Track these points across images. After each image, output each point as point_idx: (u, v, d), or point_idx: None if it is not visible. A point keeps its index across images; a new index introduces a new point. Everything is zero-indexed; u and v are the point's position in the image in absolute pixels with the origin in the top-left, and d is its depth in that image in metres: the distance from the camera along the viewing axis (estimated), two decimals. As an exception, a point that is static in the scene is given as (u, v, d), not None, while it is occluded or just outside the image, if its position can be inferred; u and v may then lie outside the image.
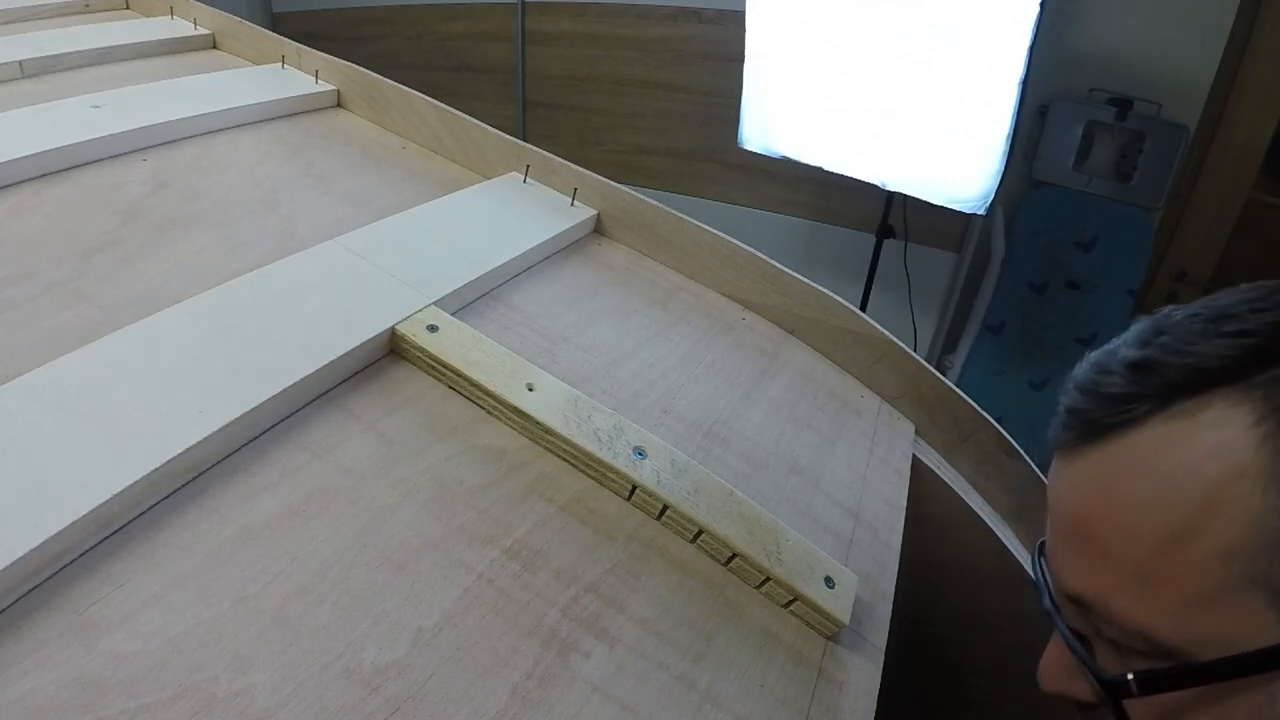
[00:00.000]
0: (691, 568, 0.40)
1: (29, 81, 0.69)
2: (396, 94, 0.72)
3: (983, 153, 1.50)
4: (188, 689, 0.28)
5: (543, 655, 0.33)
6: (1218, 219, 1.92)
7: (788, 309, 0.63)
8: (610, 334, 0.54)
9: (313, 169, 0.64)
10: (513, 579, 0.36)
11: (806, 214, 2.26)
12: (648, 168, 2.40)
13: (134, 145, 0.60)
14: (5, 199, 0.51)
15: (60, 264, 0.47)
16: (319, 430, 0.40)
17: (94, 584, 0.30)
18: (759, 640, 0.38)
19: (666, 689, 0.34)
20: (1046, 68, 1.70)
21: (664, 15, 2.14)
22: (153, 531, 0.33)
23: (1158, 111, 1.78)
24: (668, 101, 2.28)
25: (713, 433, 0.49)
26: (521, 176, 0.67)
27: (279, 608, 0.31)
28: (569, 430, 0.42)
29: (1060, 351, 1.92)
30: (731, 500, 0.42)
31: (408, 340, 0.45)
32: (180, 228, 0.53)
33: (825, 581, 0.40)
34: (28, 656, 0.28)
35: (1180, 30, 1.71)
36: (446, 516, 0.37)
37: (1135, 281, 1.90)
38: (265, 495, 0.36)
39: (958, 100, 1.48)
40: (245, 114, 0.68)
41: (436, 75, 2.50)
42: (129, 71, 0.75)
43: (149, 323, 0.41)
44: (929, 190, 1.60)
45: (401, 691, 0.30)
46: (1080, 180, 1.87)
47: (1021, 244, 1.90)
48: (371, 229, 0.54)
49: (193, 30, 0.83)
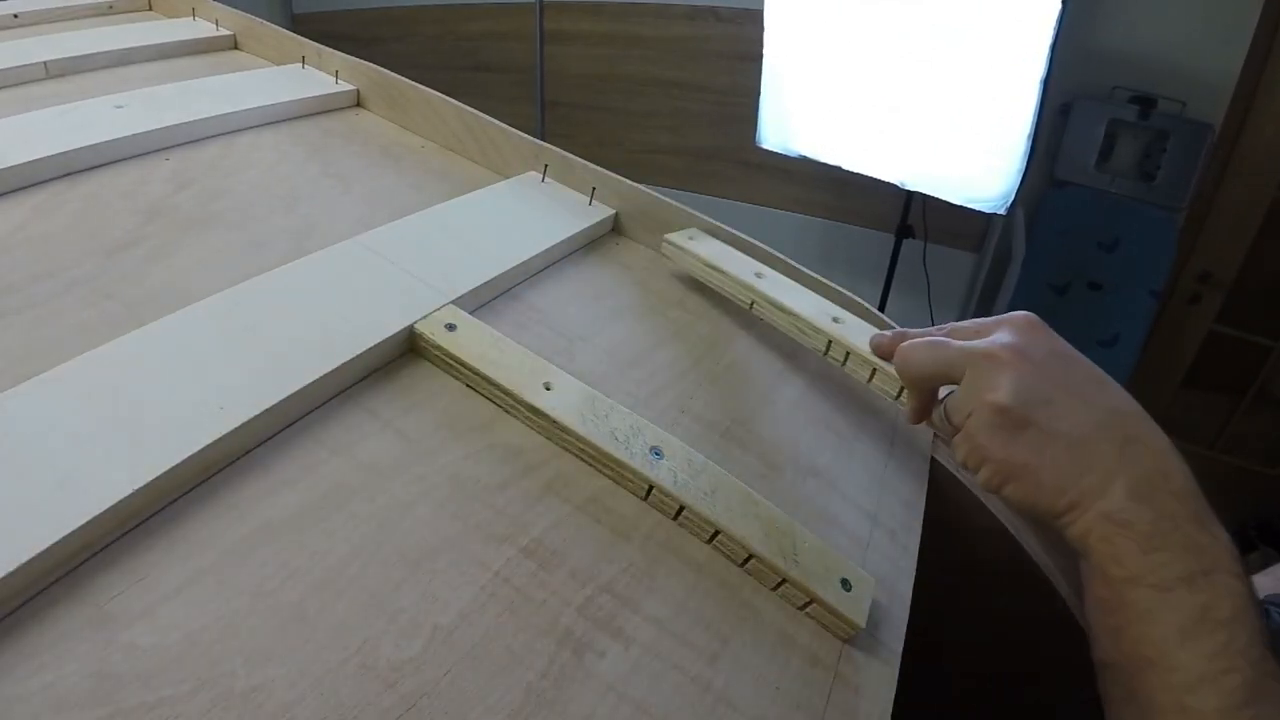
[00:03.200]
0: (707, 568, 0.40)
1: (53, 82, 0.69)
2: (416, 94, 0.73)
3: (1003, 152, 1.49)
4: (206, 682, 0.28)
5: (558, 654, 0.33)
6: (1243, 219, 1.90)
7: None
8: (628, 333, 0.54)
9: (332, 168, 0.64)
10: (529, 577, 0.36)
11: (825, 213, 2.25)
12: (666, 167, 2.40)
13: (156, 145, 0.61)
14: (29, 198, 0.52)
15: (83, 262, 0.47)
16: (338, 427, 0.40)
17: (115, 577, 0.31)
18: (774, 642, 0.38)
19: (681, 689, 0.34)
20: (1068, 66, 1.68)
21: (682, 14, 2.14)
22: (173, 526, 0.33)
23: (1181, 110, 1.75)
24: (686, 100, 2.28)
25: (730, 433, 0.49)
26: (540, 176, 0.67)
27: (297, 603, 0.32)
28: (586, 429, 0.42)
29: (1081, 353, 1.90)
30: (748, 501, 0.42)
31: (426, 339, 0.45)
32: (202, 226, 0.53)
33: (842, 584, 0.40)
34: (49, 649, 0.28)
35: (1204, 28, 1.69)
36: (464, 515, 0.37)
37: (1158, 283, 1.87)
38: (284, 492, 0.36)
39: (978, 99, 1.47)
40: (266, 114, 0.68)
41: (456, 75, 2.51)
42: (152, 72, 0.75)
43: (170, 320, 0.42)
44: (949, 190, 1.59)
45: (417, 688, 0.30)
46: (1103, 180, 1.85)
47: (1042, 244, 1.88)
48: (390, 228, 0.54)
49: (214, 31, 0.84)
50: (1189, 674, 0.34)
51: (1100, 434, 0.38)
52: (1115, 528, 0.37)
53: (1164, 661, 0.35)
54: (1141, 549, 0.36)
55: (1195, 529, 0.36)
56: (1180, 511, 0.37)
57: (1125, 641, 0.37)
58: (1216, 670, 0.33)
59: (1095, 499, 0.37)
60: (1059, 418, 0.39)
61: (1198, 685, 0.34)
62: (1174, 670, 0.34)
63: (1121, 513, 0.37)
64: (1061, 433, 0.38)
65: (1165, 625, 0.35)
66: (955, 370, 0.42)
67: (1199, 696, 0.33)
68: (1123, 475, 0.37)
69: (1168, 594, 0.35)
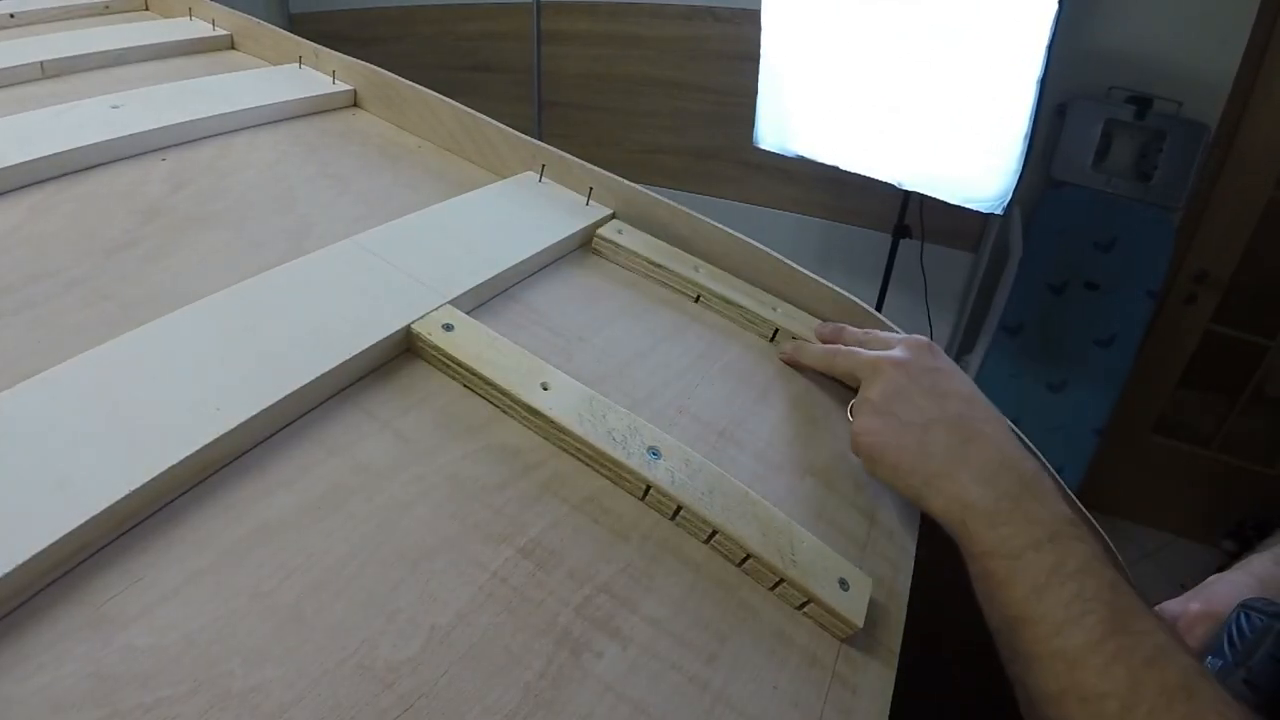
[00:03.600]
0: (705, 568, 0.40)
1: (50, 82, 0.69)
2: (413, 94, 0.73)
3: (1000, 152, 1.49)
4: (203, 683, 0.28)
5: (556, 654, 0.33)
6: (1239, 219, 1.90)
7: (804, 309, 0.63)
8: (625, 333, 0.54)
9: (330, 168, 0.64)
10: (526, 578, 0.36)
11: (822, 213, 2.25)
12: (663, 167, 2.40)
13: (153, 145, 0.61)
14: (26, 198, 0.52)
15: (80, 263, 0.47)
16: (335, 428, 0.40)
17: (112, 578, 0.31)
18: (772, 642, 0.38)
19: (679, 689, 0.34)
20: (1065, 66, 1.69)
21: (680, 14, 2.14)
22: (170, 527, 0.33)
23: (1178, 110, 1.76)
24: (683, 100, 2.28)
25: (727, 433, 0.49)
26: (537, 176, 0.67)
27: (294, 604, 0.32)
28: (583, 429, 0.42)
29: (1078, 353, 1.90)
30: (746, 501, 0.42)
31: (424, 339, 0.45)
32: (199, 227, 0.53)
33: (839, 584, 0.40)
34: (46, 650, 0.28)
35: (1200, 28, 1.69)
36: (461, 515, 0.37)
37: (1155, 282, 1.88)
38: (281, 492, 0.36)
39: (975, 99, 1.47)
40: (263, 114, 0.68)
41: (453, 75, 2.51)
42: (148, 72, 0.75)
43: (167, 320, 0.42)
44: (946, 190, 1.59)
45: (415, 689, 0.30)
46: (1099, 180, 1.85)
47: (1039, 244, 1.88)
48: (387, 228, 0.54)
49: (211, 31, 0.84)
50: (1051, 621, 0.39)
51: (949, 429, 0.46)
52: (963, 508, 0.43)
53: (1029, 616, 0.40)
54: (988, 525, 0.42)
55: (1036, 505, 0.42)
56: (1021, 493, 0.43)
57: (996, 607, 0.42)
58: (1075, 614, 0.38)
59: (943, 482, 0.45)
60: (916, 413, 0.47)
61: (1062, 628, 0.38)
62: (1039, 622, 0.39)
63: (966, 494, 0.44)
64: (915, 424, 0.47)
65: (1022, 586, 0.40)
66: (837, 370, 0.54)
67: (1064, 638, 0.38)
68: (966, 464, 0.45)
69: (1018, 560, 0.41)
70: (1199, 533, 2.29)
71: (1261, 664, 0.44)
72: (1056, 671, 0.38)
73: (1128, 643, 0.37)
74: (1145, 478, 2.25)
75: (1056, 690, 0.38)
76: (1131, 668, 0.36)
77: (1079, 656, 0.37)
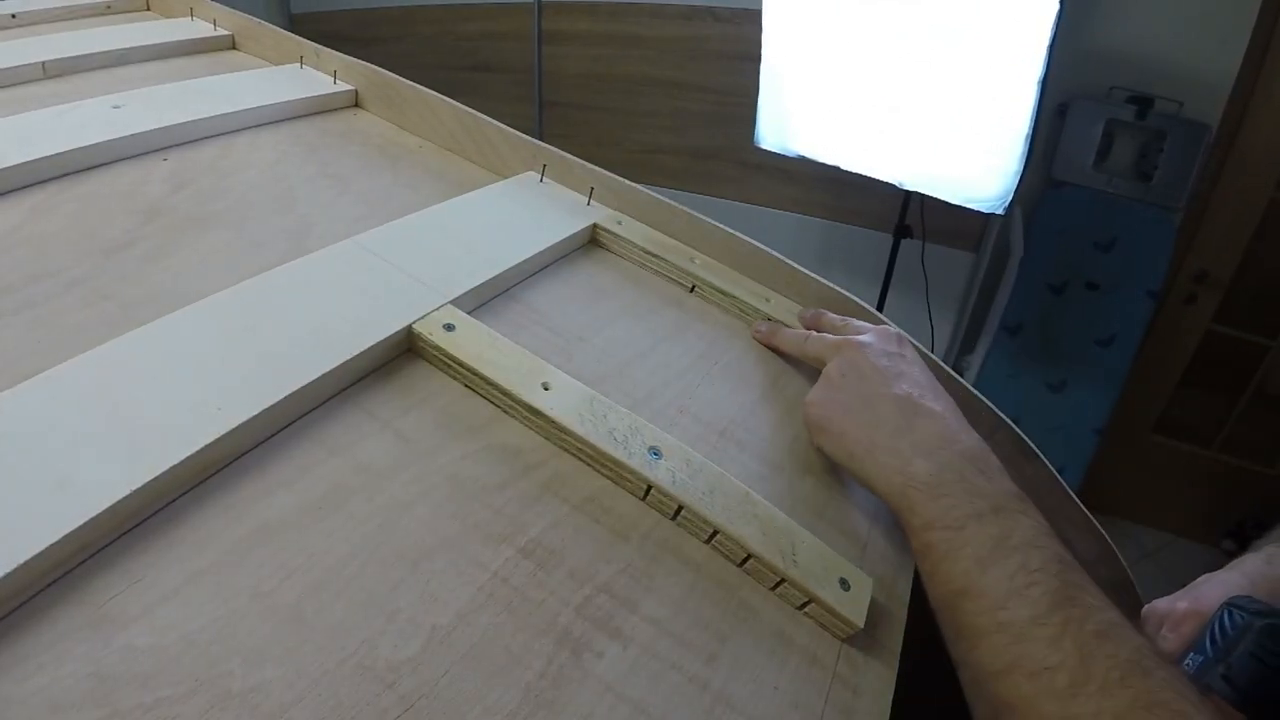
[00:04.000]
0: (706, 569, 0.40)
1: (51, 82, 0.69)
2: (413, 94, 0.73)
3: (1001, 152, 1.49)
4: (203, 683, 0.28)
5: (556, 654, 0.33)
6: (1240, 220, 1.90)
7: (800, 304, 0.63)
8: (626, 333, 0.54)
9: (330, 168, 0.64)
10: (527, 578, 0.36)
11: (823, 213, 2.25)
12: (664, 167, 2.40)
13: (154, 145, 0.61)
14: (27, 198, 0.52)
15: (81, 263, 0.47)
16: (336, 428, 0.40)
17: (112, 578, 0.31)
18: (773, 642, 0.38)
19: (680, 689, 0.34)
20: (1066, 66, 1.69)
21: (680, 14, 2.14)
22: (170, 527, 0.33)
23: (1179, 110, 1.76)
24: (684, 100, 2.28)
25: (728, 433, 0.49)
26: (538, 176, 0.67)
27: (294, 604, 0.32)
28: (584, 429, 0.42)
29: (1079, 353, 1.90)
30: (747, 501, 0.42)
31: (424, 339, 0.45)
32: (200, 227, 0.53)
33: (840, 584, 0.40)
34: (47, 650, 0.28)
35: (1201, 28, 1.69)
36: (462, 515, 0.37)
37: (1155, 282, 1.88)
38: (282, 492, 0.36)
39: (976, 99, 1.47)
40: (264, 114, 0.68)
41: (454, 75, 2.51)
42: (150, 72, 0.75)
43: (168, 321, 0.42)
44: (947, 190, 1.59)
45: (415, 689, 0.30)
46: (1100, 180, 1.85)
47: (1040, 244, 1.88)
48: (388, 228, 0.54)
49: (212, 31, 0.84)
50: (996, 594, 0.38)
51: (897, 405, 0.47)
52: (904, 480, 0.43)
53: (973, 589, 0.39)
54: (929, 497, 0.42)
55: (979, 479, 0.42)
56: (964, 467, 0.43)
57: (938, 581, 0.41)
58: (1019, 586, 0.37)
59: (885, 455, 0.45)
60: (867, 388, 0.48)
61: (1006, 601, 0.37)
62: (983, 595, 0.38)
63: (908, 465, 0.44)
64: (865, 396, 0.48)
65: (965, 559, 0.39)
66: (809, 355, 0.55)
67: (1009, 610, 0.37)
68: (908, 438, 0.45)
69: (960, 532, 0.40)
70: (1199, 533, 2.29)
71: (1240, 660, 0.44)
72: (1002, 645, 0.36)
73: (1077, 614, 0.36)
74: (1145, 478, 2.25)
75: (1003, 665, 0.36)
76: (1081, 640, 0.35)
77: (1025, 630, 0.36)
